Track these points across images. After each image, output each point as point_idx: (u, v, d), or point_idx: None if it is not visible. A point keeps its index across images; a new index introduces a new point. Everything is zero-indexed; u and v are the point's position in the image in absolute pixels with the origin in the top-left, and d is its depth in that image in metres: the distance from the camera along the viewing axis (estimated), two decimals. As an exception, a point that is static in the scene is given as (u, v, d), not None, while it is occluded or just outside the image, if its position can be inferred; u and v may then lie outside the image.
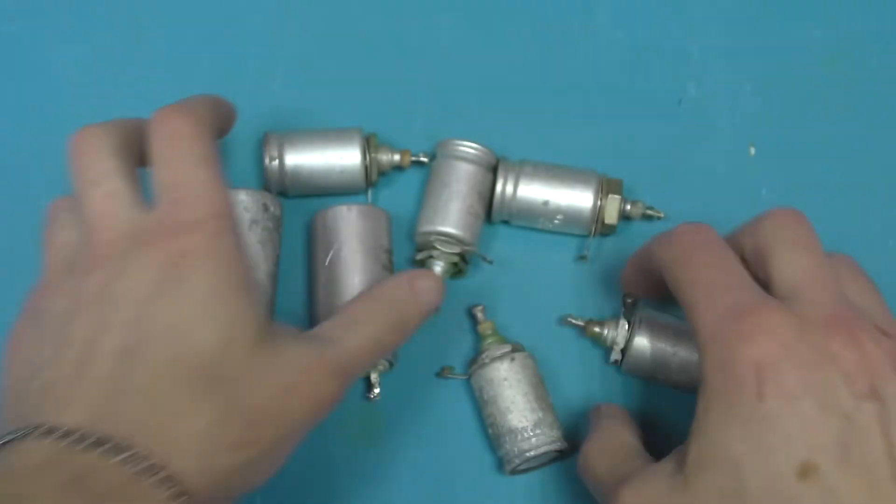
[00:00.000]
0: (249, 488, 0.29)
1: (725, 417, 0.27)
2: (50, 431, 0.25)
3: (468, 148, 0.39)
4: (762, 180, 0.42)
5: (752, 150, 0.43)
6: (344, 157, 0.39)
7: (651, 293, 0.37)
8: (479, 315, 0.39)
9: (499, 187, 0.39)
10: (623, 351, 0.37)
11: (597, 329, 0.38)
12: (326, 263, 0.37)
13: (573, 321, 0.39)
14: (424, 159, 0.41)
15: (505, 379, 0.37)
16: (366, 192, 0.41)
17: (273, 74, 0.44)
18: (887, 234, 0.42)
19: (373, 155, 0.40)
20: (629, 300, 0.38)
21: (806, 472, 0.25)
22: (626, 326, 0.37)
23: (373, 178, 0.40)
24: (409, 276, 0.35)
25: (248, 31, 0.45)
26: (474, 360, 0.38)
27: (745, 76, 0.44)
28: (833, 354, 0.27)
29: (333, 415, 0.39)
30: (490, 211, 0.40)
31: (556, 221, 0.40)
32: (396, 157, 0.41)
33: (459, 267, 0.40)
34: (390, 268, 0.38)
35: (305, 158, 0.39)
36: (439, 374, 0.39)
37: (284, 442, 0.29)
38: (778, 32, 0.45)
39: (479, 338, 0.39)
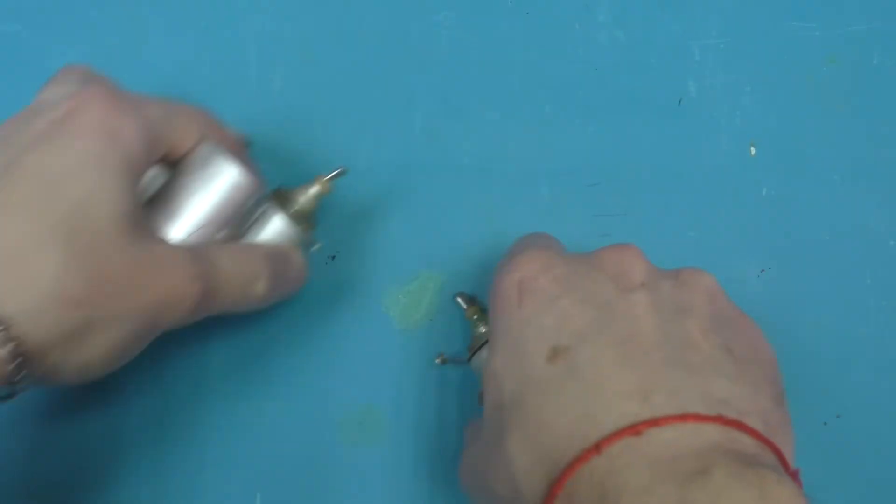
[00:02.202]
0: (85, 372, 0.28)
1: (494, 339, 0.28)
2: None
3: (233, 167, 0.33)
4: (762, 180, 0.42)
5: (753, 150, 0.43)
6: (268, 232, 0.35)
7: None
8: (462, 301, 0.39)
9: None
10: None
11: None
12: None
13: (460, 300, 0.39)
14: (339, 170, 0.36)
15: None
16: (311, 245, 0.37)
17: (273, 74, 0.44)
18: (887, 234, 0.42)
19: (292, 211, 0.35)
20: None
21: (555, 354, 0.26)
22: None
23: (310, 228, 0.36)
24: (291, 246, 0.36)
25: (248, 31, 0.45)
26: (470, 346, 0.38)
27: (745, 76, 0.44)
28: (602, 263, 0.28)
29: (333, 414, 0.39)
30: None
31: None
32: (314, 191, 0.36)
33: None
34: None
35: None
36: (439, 361, 0.39)
37: (123, 322, 0.28)
38: (778, 32, 0.45)
39: (470, 324, 0.39)
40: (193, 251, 0.31)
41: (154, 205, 0.32)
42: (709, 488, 0.21)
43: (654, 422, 0.23)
